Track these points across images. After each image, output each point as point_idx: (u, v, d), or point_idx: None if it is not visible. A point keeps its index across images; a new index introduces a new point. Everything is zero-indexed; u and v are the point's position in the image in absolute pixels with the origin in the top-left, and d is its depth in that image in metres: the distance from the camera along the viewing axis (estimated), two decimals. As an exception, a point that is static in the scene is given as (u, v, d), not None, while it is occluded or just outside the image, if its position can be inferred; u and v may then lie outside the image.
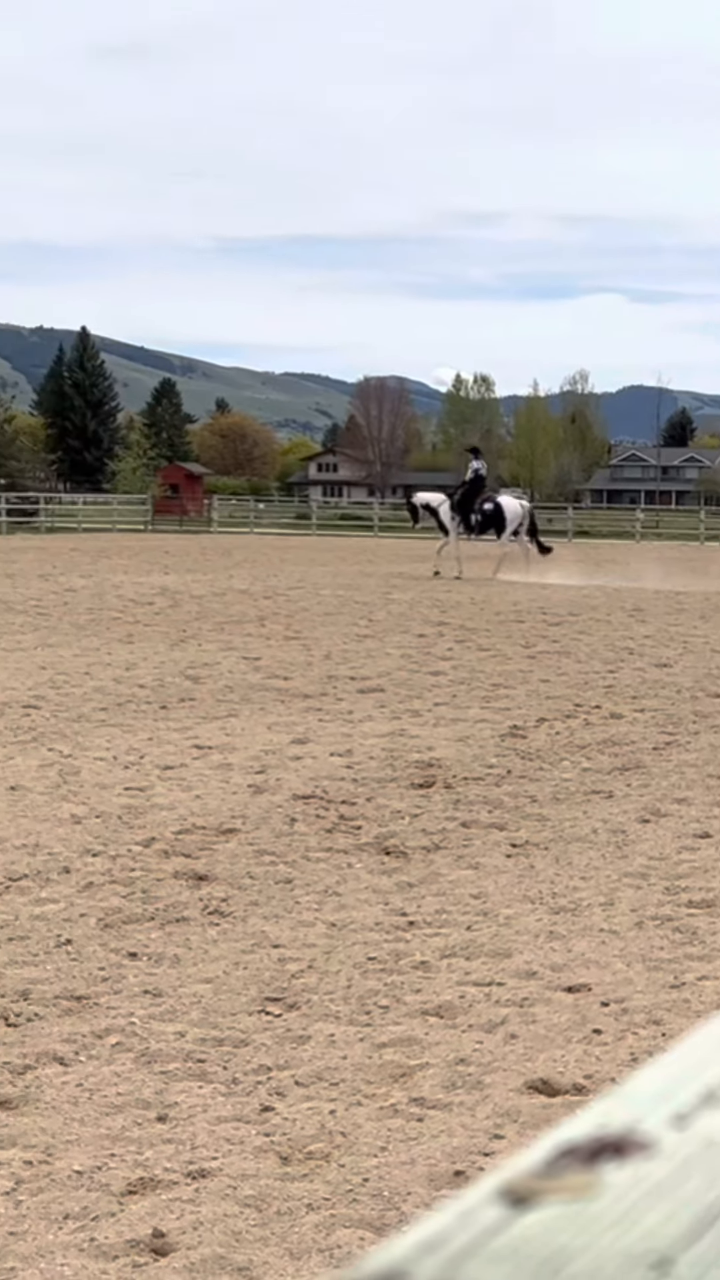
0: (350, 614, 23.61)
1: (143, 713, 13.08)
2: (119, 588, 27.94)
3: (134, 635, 19.45)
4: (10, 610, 22.75)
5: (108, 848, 8.32)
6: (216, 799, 9.65)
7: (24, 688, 14.37)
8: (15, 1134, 4.71)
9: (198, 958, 6.49)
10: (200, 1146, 4.64)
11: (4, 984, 6.08)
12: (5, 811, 9.19)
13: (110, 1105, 4.94)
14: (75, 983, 6.13)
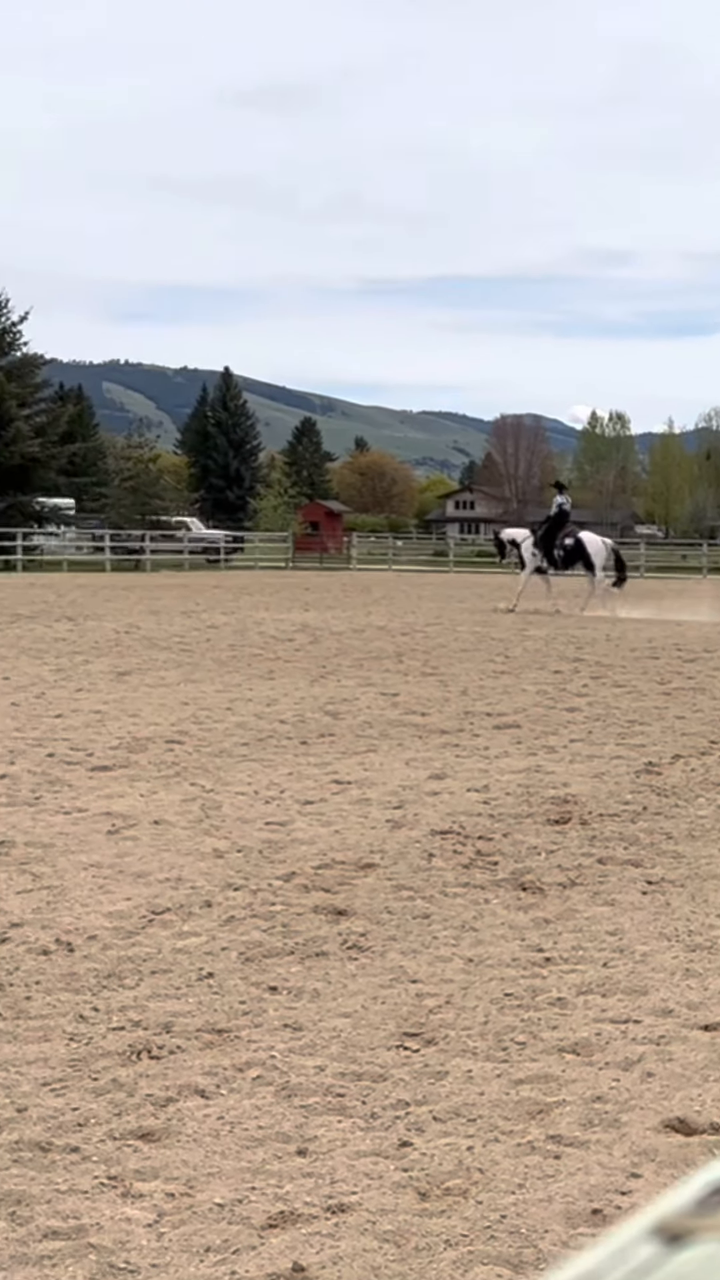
0: (486, 650, 23.57)
1: (283, 748, 13.14)
2: (260, 624, 28.14)
3: (275, 671, 19.56)
4: (154, 647, 22.99)
5: (249, 882, 8.37)
6: (355, 834, 9.66)
7: (167, 723, 14.50)
8: (158, 1166, 4.74)
9: (337, 992, 6.49)
10: (339, 1181, 4.64)
11: (147, 1017, 6.12)
12: (149, 845, 9.27)
13: (251, 1138, 4.95)
14: (216, 1016, 6.16)
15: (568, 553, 36.26)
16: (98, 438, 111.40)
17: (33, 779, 11.40)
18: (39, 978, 6.64)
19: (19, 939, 7.22)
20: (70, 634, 25.31)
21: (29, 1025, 6.02)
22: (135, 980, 6.61)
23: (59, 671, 19.04)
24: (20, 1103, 5.23)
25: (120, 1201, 4.50)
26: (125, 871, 8.59)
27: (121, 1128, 5.03)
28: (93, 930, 7.37)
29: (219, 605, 34.73)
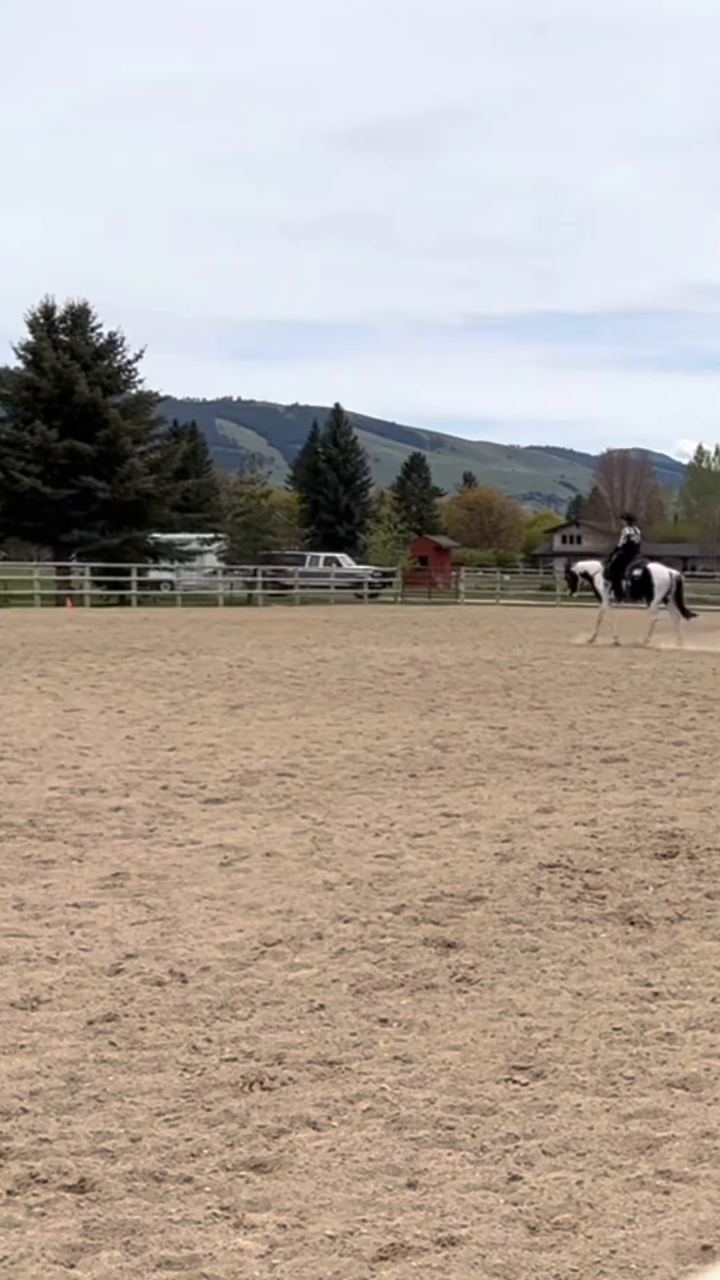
0: (593, 684, 23.45)
1: (393, 781, 13.15)
2: (370, 658, 28.18)
3: (384, 705, 19.58)
4: (266, 681, 23.10)
5: (359, 914, 8.37)
6: (464, 867, 9.64)
7: (279, 756, 14.56)
8: (270, 1197, 4.74)
9: (446, 1025, 6.48)
10: (449, 1214, 4.62)
11: (259, 1048, 6.14)
12: (261, 877, 9.31)
13: (361, 1171, 4.94)
14: (328, 1048, 6.16)
15: (635, 584, 36.26)
16: (211, 474, 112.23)
17: (147, 811, 11.49)
18: (153, 1008, 6.68)
19: (134, 970, 7.27)
20: (184, 668, 25.49)
21: (143, 1056, 6.06)
22: (248, 1012, 6.64)
23: (173, 705, 19.19)
24: (135, 1132, 5.26)
25: (233, 1232, 4.51)
26: (237, 903, 8.63)
27: (234, 1158, 5.05)
28: (206, 961, 7.41)
29: (329, 640, 34.83)
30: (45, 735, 15.89)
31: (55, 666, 25.21)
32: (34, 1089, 5.67)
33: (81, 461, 68.70)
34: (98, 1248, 4.41)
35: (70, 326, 73.13)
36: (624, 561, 36.75)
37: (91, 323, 73.98)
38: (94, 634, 36.08)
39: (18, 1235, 4.48)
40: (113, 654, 28.57)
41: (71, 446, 68.37)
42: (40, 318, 73.01)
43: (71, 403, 69.78)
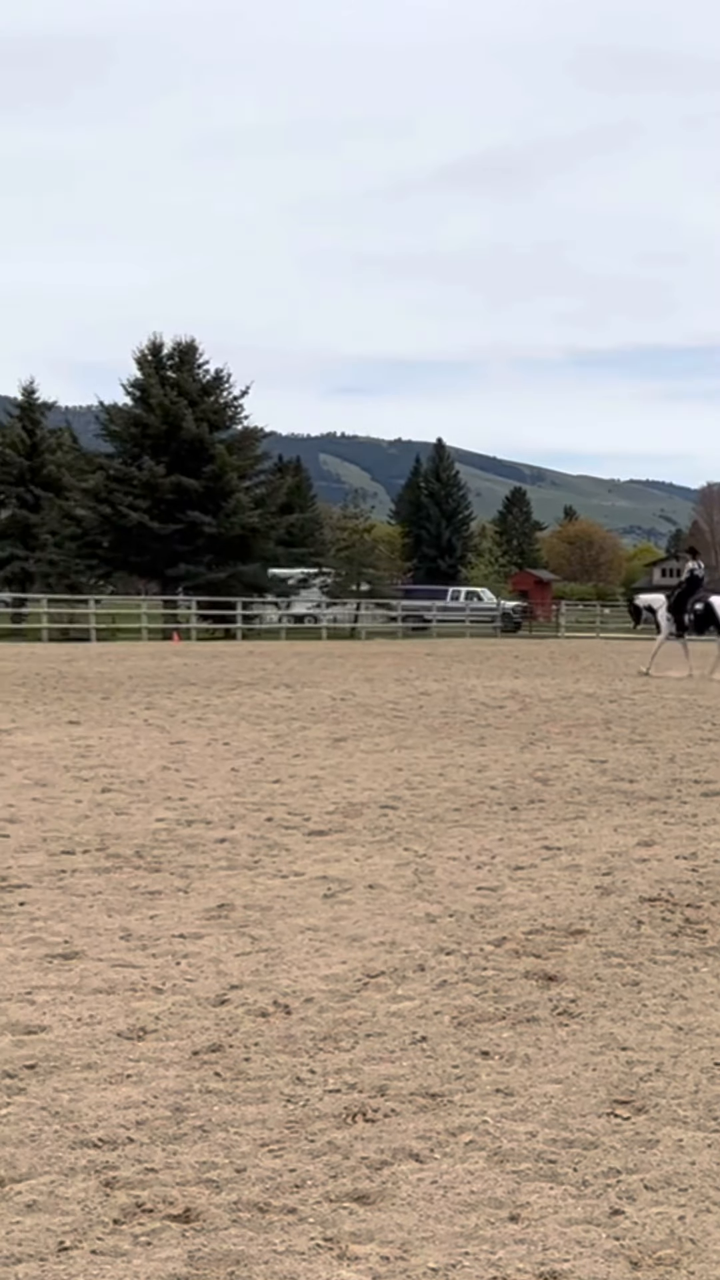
0: (694, 718, 23.25)
1: (494, 814, 13.10)
2: (471, 691, 28.13)
3: (485, 738, 19.53)
4: (369, 714, 23.12)
5: (460, 946, 8.34)
6: (565, 900, 9.59)
7: (381, 788, 14.56)
8: (373, 1229, 4.73)
9: (548, 1058, 6.43)
10: (551, 1248, 4.58)
11: (362, 1080, 6.13)
12: (364, 909, 9.30)
13: (464, 1203, 4.92)
14: (430, 1080, 6.14)
15: (698, 617, 36.32)
16: (315, 508, 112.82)
17: (252, 843, 11.53)
18: (257, 1039, 6.69)
19: (238, 1000, 7.29)
20: (288, 701, 25.58)
21: (247, 1086, 6.07)
22: (350, 1043, 6.63)
23: (277, 738, 19.25)
24: (239, 1163, 5.27)
25: (336, 1264, 4.50)
26: (340, 935, 8.63)
27: (337, 1190, 5.04)
28: (309, 993, 7.41)
29: (431, 673, 34.81)
30: (152, 767, 16.00)
31: (162, 699, 25.39)
32: (140, 1119, 5.70)
33: (188, 496, 69.27)
34: (203, 1278, 4.41)
35: (178, 363, 73.85)
36: (687, 595, 36.86)
37: (198, 359, 74.66)
38: (199, 667, 36.32)
39: (124, 1264, 4.49)
40: (218, 687, 28.74)
41: (178, 482, 68.98)
42: (149, 355, 73.80)
43: (178, 438, 70.43)
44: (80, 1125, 5.62)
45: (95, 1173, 5.19)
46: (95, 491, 69.87)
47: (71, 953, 8.19)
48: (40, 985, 7.54)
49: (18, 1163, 5.26)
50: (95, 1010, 7.12)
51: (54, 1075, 6.20)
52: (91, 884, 10.00)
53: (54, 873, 10.35)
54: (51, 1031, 6.79)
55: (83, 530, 70.34)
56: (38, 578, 71.76)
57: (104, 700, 25.12)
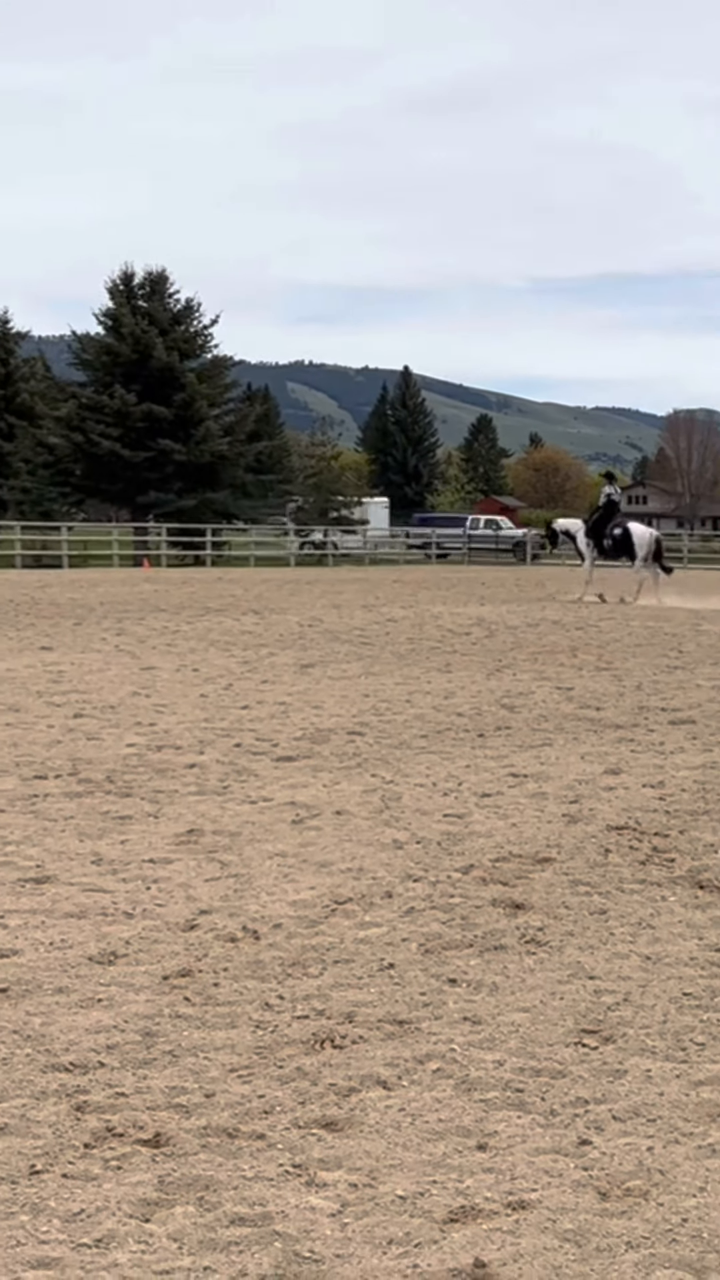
0: (660, 645, 23.24)
1: (461, 740, 13.06)
2: (438, 618, 28.06)
3: (452, 664, 19.47)
4: (336, 640, 23.04)
5: (428, 873, 8.30)
6: (532, 828, 9.55)
7: (349, 715, 14.50)
8: (341, 1156, 4.69)
9: (515, 986, 6.40)
10: (519, 1177, 4.55)
11: (330, 1006, 6.08)
12: (331, 835, 9.25)
13: (431, 1131, 4.88)
14: (397, 1007, 6.10)
15: (615, 542, 36.55)
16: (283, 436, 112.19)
17: (221, 768, 11.46)
18: (226, 964, 6.64)
19: (207, 926, 7.24)
20: (256, 627, 25.48)
21: (217, 1012, 6.02)
22: (319, 969, 6.59)
23: (245, 664, 19.17)
24: (208, 1088, 5.22)
25: (305, 1190, 4.46)
26: (309, 861, 8.58)
27: (306, 1116, 5.00)
28: (278, 919, 7.36)
29: (398, 599, 34.72)
30: (123, 693, 15.90)
31: (133, 625, 25.26)
32: (111, 1043, 5.65)
33: (159, 424, 68.73)
34: (172, 1202, 4.37)
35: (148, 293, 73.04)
36: (605, 520, 37.09)
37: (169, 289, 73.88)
38: (169, 594, 36.16)
39: (95, 1188, 4.45)
40: (188, 613, 28.61)
41: (149, 410, 68.40)
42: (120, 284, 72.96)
43: (149, 367, 69.78)
44: (51, 1049, 5.57)
45: (66, 1096, 5.14)
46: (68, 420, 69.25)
47: (43, 877, 8.12)
48: (12, 909, 7.47)
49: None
50: (66, 934, 7.06)
51: (25, 999, 6.14)
52: (63, 809, 9.92)
53: (26, 797, 10.27)
54: (23, 955, 6.73)
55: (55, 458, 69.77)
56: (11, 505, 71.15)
57: (76, 626, 24.98)
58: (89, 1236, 4.13)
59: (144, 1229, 4.20)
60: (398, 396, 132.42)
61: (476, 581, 46.85)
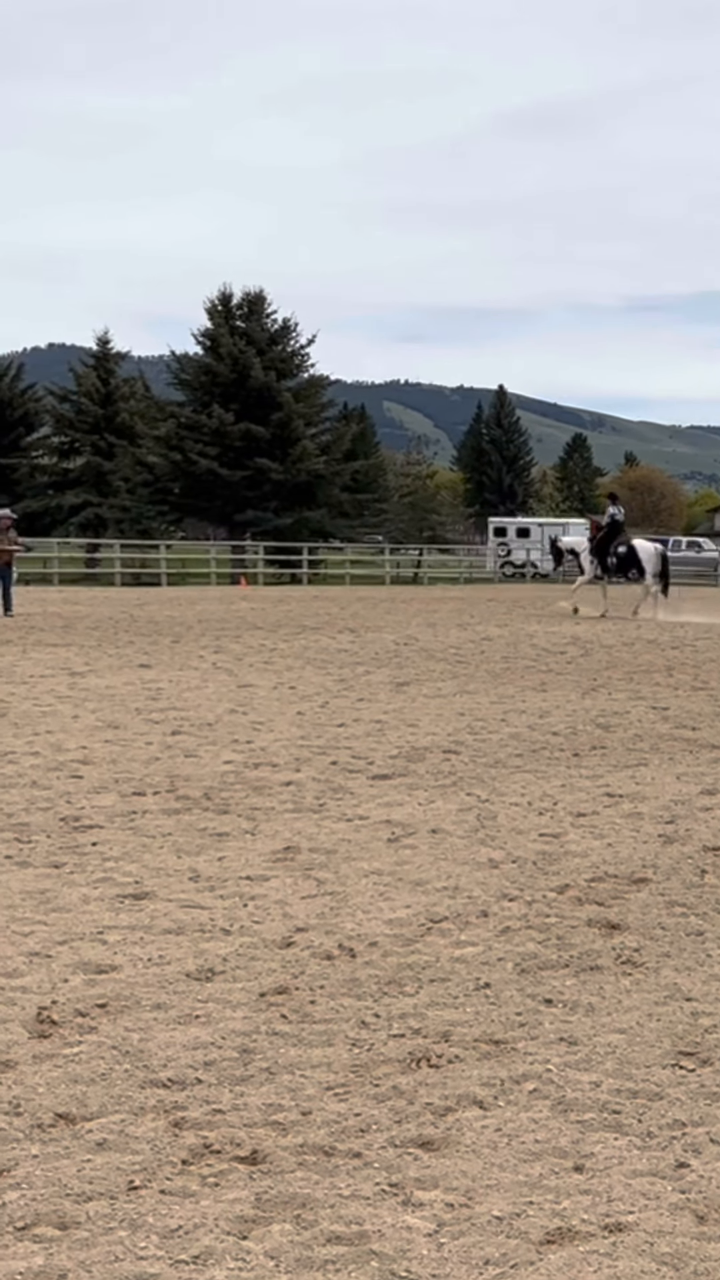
0: (756, 664, 22.99)
1: (556, 760, 12.99)
2: (532, 637, 27.96)
3: (547, 683, 19.39)
4: (431, 658, 23.01)
5: (523, 893, 8.26)
6: (628, 848, 9.48)
7: (444, 733, 14.47)
8: (437, 1175, 4.67)
9: (611, 1007, 6.35)
10: (616, 1199, 4.51)
11: (426, 1025, 6.07)
12: (427, 854, 9.23)
13: (528, 1152, 4.85)
14: (493, 1027, 6.07)
15: (621, 560, 37.36)
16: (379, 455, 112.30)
17: (317, 786, 11.47)
18: (323, 982, 6.65)
19: (304, 943, 7.24)
20: (352, 645, 25.51)
21: (313, 1029, 6.02)
22: (415, 988, 6.57)
23: (341, 682, 19.19)
24: (305, 1106, 5.22)
25: (401, 1209, 4.44)
26: (404, 879, 8.56)
27: (402, 1135, 4.98)
28: (374, 937, 7.35)
29: (492, 617, 34.64)
30: (220, 710, 15.98)
31: (230, 643, 25.38)
32: (208, 1059, 5.66)
33: (256, 444, 69.09)
34: (269, 1220, 4.37)
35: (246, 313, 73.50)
36: (609, 539, 37.73)
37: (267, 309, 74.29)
38: (266, 612, 36.30)
39: (192, 1205, 4.46)
40: (284, 631, 28.70)
41: (247, 429, 68.79)
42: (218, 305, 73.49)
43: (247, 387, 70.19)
44: (150, 1065, 5.60)
45: (164, 1112, 5.16)
46: (166, 439, 69.81)
47: (142, 893, 8.16)
48: (111, 925, 7.52)
49: (89, 1101, 5.24)
50: (165, 950, 7.10)
51: (124, 1015, 6.17)
52: (161, 825, 9.98)
53: (125, 814, 10.34)
54: (122, 971, 6.77)
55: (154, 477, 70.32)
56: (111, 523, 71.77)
57: (174, 644, 25.14)
58: (186, 1253, 4.14)
59: (241, 1246, 4.20)
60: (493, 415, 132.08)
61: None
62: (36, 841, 9.42)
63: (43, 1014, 6.12)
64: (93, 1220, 4.33)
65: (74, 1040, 5.86)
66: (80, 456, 77.49)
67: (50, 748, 13.15)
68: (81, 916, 7.68)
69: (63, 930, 7.40)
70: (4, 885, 8.29)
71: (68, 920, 7.59)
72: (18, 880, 8.42)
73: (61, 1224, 4.31)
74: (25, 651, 23.00)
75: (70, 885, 8.33)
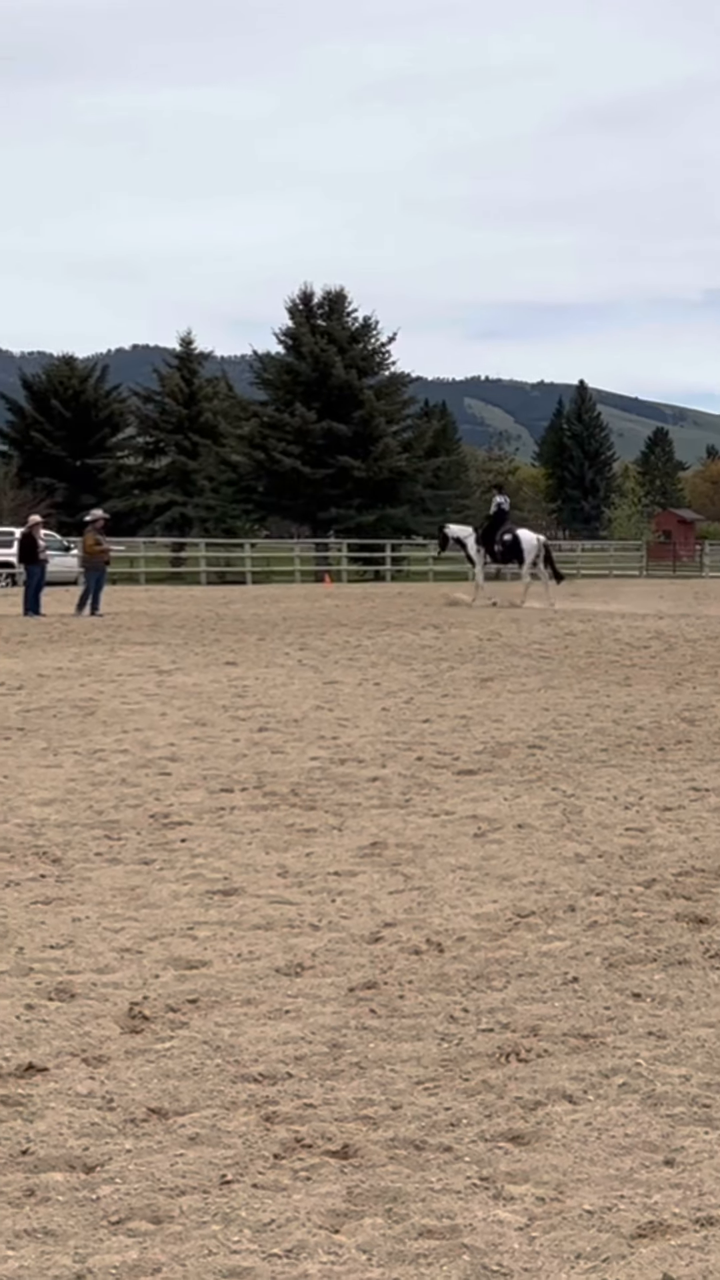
0: None
1: (641, 754, 12.91)
2: (616, 632, 27.80)
3: (631, 678, 19.27)
4: (515, 654, 22.95)
5: (610, 887, 8.22)
6: (715, 842, 9.40)
7: (529, 728, 14.42)
8: (528, 1169, 4.65)
9: (700, 1001, 6.30)
10: (708, 1193, 4.47)
11: (515, 1019, 6.05)
12: (514, 849, 9.20)
13: (618, 1146, 4.82)
14: (582, 1021, 6.04)
15: (505, 548, 38.20)
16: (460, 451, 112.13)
17: (403, 782, 11.47)
18: (411, 977, 6.64)
19: (392, 938, 7.25)
20: (436, 641, 25.49)
21: (402, 1024, 6.02)
22: (503, 983, 6.55)
23: (426, 678, 19.18)
24: (395, 1100, 5.22)
25: (492, 1203, 4.43)
26: (491, 874, 8.54)
27: (492, 1129, 4.97)
28: (461, 931, 7.34)
29: (575, 613, 34.48)
30: (306, 707, 16.02)
31: (315, 640, 25.43)
32: (299, 1054, 5.68)
33: (338, 442, 69.25)
34: (361, 1214, 4.37)
35: (327, 312, 73.69)
36: (495, 528, 38.61)
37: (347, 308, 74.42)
38: (350, 608, 36.34)
39: (284, 1198, 4.47)
40: (368, 628, 28.72)
41: (329, 427, 68.97)
42: (299, 304, 73.73)
43: (329, 385, 70.38)
44: (240, 1060, 5.62)
45: (255, 1107, 5.17)
46: (250, 438, 70.16)
47: (231, 889, 8.20)
48: (201, 921, 7.56)
49: (180, 1096, 5.26)
50: (254, 946, 7.12)
51: (215, 1010, 6.20)
52: (249, 821, 10.02)
53: (214, 810, 10.39)
54: (212, 966, 6.80)
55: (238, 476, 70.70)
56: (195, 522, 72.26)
57: (259, 641, 25.23)
58: (279, 1247, 4.15)
59: (333, 1240, 4.21)
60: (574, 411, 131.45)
61: (653, 594, 46.35)
62: (126, 838, 9.49)
63: (134, 1009, 6.16)
64: (186, 1214, 4.36)
65: (165, 1035, 5.89)
66: (165, 456, 78.04)
67: (139, 745, 13.24)
68: (171, 912, 7.73)
69: (153, 926, 7.45)
70: (95, 882, 8.36)
71: (158, 916, 7.64)
72: (108, 877, 8.48)
73: (155, 1218, 4.34)
74: (113, 650, 23.17)
75: (160, 881, 8.38)
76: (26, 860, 8.88)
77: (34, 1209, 4.39)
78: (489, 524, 39.21)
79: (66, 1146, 4.83)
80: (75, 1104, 5.18)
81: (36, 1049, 5.72)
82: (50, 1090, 5.31)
